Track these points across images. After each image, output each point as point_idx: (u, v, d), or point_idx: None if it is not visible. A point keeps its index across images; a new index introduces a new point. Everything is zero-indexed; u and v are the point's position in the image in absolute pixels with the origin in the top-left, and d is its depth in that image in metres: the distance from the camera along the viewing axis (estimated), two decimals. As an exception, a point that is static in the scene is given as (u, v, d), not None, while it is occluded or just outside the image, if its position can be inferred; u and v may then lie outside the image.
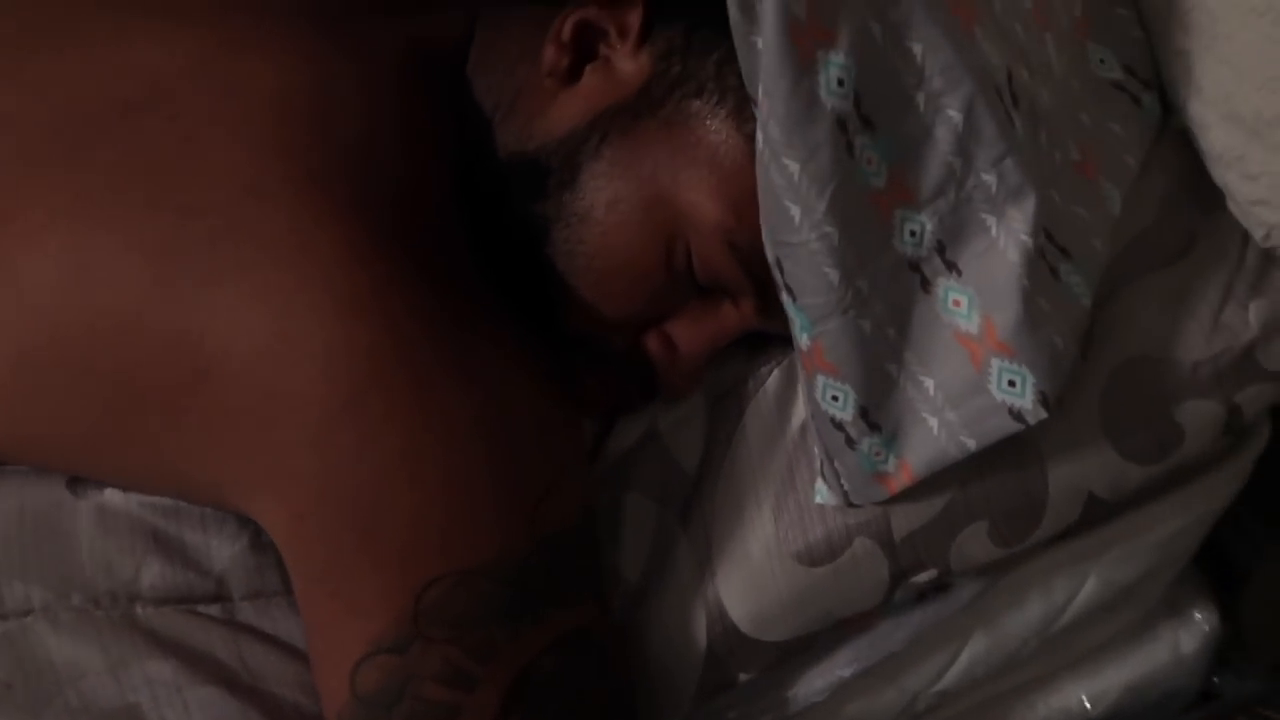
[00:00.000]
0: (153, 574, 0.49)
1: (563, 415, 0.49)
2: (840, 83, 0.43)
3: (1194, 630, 0.63)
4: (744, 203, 0.47)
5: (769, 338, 0.54)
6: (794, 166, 0.44)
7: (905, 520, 0.52)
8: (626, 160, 0.49)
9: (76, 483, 0.50)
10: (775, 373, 0.55)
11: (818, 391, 0.49)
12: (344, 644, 0.45)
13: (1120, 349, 0.53)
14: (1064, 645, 0.60)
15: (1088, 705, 0.62)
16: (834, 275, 0.46)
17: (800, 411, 0.54)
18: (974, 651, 0.57)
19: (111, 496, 0.50)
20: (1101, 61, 0.54)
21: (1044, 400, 0.47)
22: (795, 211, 0.45)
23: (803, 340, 0.48)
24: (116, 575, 0.49)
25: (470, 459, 0.45)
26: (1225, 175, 0.52)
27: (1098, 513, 0.54)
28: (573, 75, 0.51)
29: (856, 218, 0.46)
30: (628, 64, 0.50)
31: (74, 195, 0.45)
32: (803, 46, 0.42)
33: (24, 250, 0.45)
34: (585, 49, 0.51)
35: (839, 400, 0.48)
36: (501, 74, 0.52)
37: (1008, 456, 0.52)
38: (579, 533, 0.49)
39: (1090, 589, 0.57)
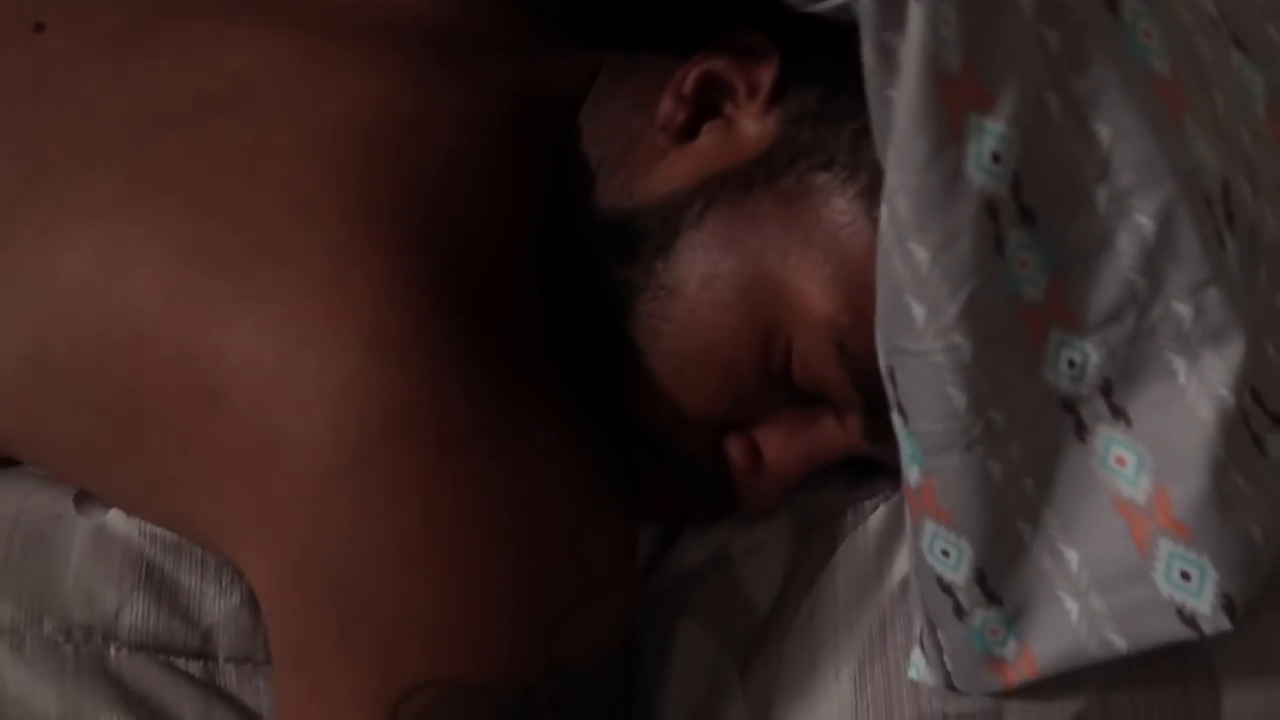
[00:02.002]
0: (135, 613, 0.44)
1: (615, 520, 0.42)
2: (996, 158, 0.35)
3: None
4: (863, 299, 0.39)
5: (879, 465, 0.45)
6: (923, 254, 0.35)
7: (1022, 722, 0.41)
8: (731, 232, 0.42)
9: (84, 498, 0.46)
10: (881, 509, 0.45)
11: (925, 541, 0.39)
12: None
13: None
14: None
15: None
16: (960, 399, 0.36)
17: (905, 561, 0.44)
18: None
19: (114, 519, 0.46)
20: None
21: (1228, 606, 0.36)
22: (919, 311, 0.36)
23: (912, 474, 0.39)
24: (97, 607, 0.44)
25: (491, 551, 0.38)
26: None
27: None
28: (688, 132, 0.44)
29: (999, 332, 0.36)
30: (752, 126, 0.44)
31: (126, 189, 0.42)
32: (952, 106, 0.34)
33: (66, 239, 0.42)
34: (707, 105, 0.44)
35: (950, 557, 0.39)
36: (613, 124, 0.47)
37: (1167, 667, 0.41)
38: (606, 667, 0.41)
39: None
